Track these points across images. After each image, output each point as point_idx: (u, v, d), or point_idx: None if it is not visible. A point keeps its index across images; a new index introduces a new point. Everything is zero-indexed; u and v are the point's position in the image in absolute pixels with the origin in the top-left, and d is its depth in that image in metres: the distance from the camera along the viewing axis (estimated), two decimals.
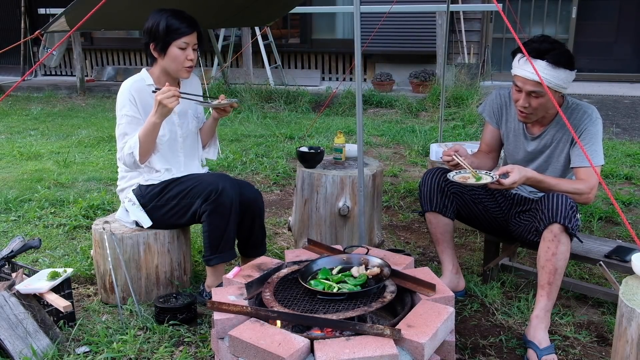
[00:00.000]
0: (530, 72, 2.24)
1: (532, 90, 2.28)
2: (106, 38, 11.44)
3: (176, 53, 2.45)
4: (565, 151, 2.45)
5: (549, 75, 2.22)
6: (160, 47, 2.45)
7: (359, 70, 2.64)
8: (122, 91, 2.50)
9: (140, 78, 2.54)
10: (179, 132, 2.63)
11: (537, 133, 2.50)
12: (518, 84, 2.32)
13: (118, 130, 2.51)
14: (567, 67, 2.25)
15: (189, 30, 2.45)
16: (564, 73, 2.24)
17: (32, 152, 5.57)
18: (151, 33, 2.44)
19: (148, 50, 2.50)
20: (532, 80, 2.25)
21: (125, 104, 2.48)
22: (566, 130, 2.41)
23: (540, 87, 2.24)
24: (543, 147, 2.50)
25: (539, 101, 2.31)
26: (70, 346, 2.25)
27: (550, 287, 2.23)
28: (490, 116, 2.67)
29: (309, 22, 10.18)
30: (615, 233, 3.49)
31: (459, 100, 7.51)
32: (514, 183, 2.23)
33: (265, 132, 6.39)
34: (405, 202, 4.14)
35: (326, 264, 2.20)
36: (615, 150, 5.46)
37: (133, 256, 2.59)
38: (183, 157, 2.66)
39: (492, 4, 8.27)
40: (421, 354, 1.71)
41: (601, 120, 2.39)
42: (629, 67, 9.33)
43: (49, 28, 2.81)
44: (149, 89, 2.52)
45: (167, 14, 2.44)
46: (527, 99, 2.32)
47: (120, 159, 2.52)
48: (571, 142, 2.41)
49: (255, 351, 1.70)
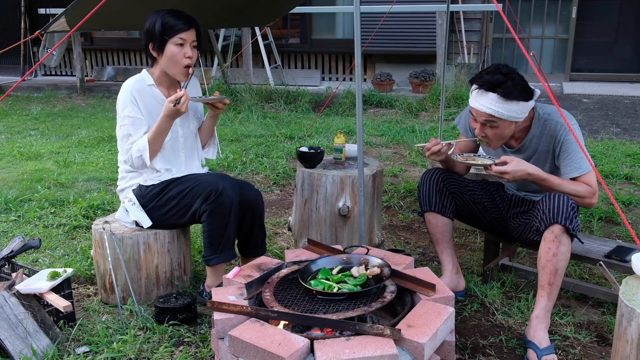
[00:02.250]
0: (482, 105, 2.28)
1: (485, 121, 2.32)
2: (106, 38, 11.44)
3: (173, 50, 2.44)
4: (548, 162, 2.44)
5: (500, 108, 2.25)
6: (158, 45, 2.45)
7: (359, 70, 2.64)
8: (123, 92, 2.50)
9: (140, 78, 2.54)
10: (180, 132, 2.63)
11: (516, 146, 2.50)
12: (473, 114, 2.37)
13: (120, 131, 2.51)
14: (520, 99, 2.26)
15: (185, 26, 2.44)
16: (516, 105, 2.25)
17: (32, 152, 5.57)
18: (149, 33, 2.45)
19: (148, 51, 2.50)
20: (485, 112, 2.29)
21: (126, 105, 2.48)
22: (544, 141, 2.42)
23: (494, 118, 2.29)
24: (525, 158, 2.46)
25: (494, 131, 2.34)
26: (70, 346, 2.25)
27: (550, 287, 2.23)
28: (466, 130, 2.66)
29: (309, 22, 10.17)
30: (615, 233, 3.49)
31: (459, 100, 7.51)
32: (504, 173, 2.24)
33: (265, 132, 6.39)
34: (405, 202, 4.14)
35: (326, 264, 2.21)
36: (615, 150, 5.45)
37: (133, 256, 2.59)
38: (184, 157, 2.66)
39: (492, 4, 8.27)
40: (421, 354, 1.71)
41: (576, 123, 2.38)
42: (629, 67, 9.33)
43: (49, 28, 2.81)
44: (150, 89, 2.53)
45: (163, 12, 2.45)
46: (483, 129, 2.36)
47: (127, 161, 2.52)
48: (552, 153, 2.41)
49: (255, 351, 1.70)
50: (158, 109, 2.51)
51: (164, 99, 2.53)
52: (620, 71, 9.34)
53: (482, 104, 2.28)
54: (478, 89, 2.29)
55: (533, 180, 2.33)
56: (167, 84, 2.59)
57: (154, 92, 2.55)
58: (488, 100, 2.26)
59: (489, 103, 2.26)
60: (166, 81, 2.57)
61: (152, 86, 2.54)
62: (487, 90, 2.25)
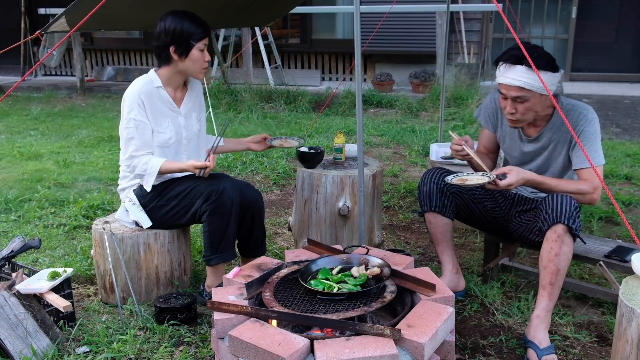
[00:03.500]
0: (511, 79, 2.27)
1: (516, 96, 2.30)
2: (106, 38, 11.43)
3: (197, 55, 2.51)
4: (563, 153, 2.45)
5: (530, 79, 2.24)
6: (182, 50, 2.48)
7: (359, 70, 2.64)
8: (130, 93, 2.50)
9: (149, 80, 2.55)
10: (184, 133, 2.64)
11: (533, 135, 2.50)
12: (502, 91, 2.35)
13: (125, 133, 2.52)
14: (548, 69, 2.27)
15: (207, 32, 2.52)
16: (545, 75, 2.25)
17: (32, 152, 5.57)
18: (174, 36, 2.46)
19: (165, 52, 2.50)
20: (515, 86, 2.27)
21: (133, 107, 2.48)
22: (563, 132, 2.42)
23: (524, 91, 2.27)
24: (540, 148, 2.50)
25: (525, 106, 2.32)
26: (70, 346, 2.25)
27: (552, 287, 2.23)
28: (486, 120, 2.69)
29: (309, 22, 10.17)
30: (615, 233, 3.49)
31: (459, 100, 7.51)
32: (510, 185, 2.24)
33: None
34: (405, 202, 4.14)
35: (326, 264, 2.21)
36: (615, 150, 5.45)
37: (133, 256, 2.59)
38: (186, 159, 2.67)
39: (492, 4, 8.27)
40: (421, 354, 1.71)
41: (598, 120, 2.39)
42: (629, 67, 9.33)
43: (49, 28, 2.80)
44: (158, 91, 2.55)
45: (185, 17, 2.48)
46: (513, 105, 2.34)
47: (129, 166, 2.55)
48: (569, 143, 2.41)
49: (255, 351, 1.70)
50: (164, 111, 2.55)
51: (171, 101, 2.58)
52: (620, 71, 9.34)
53: (511, 77, 2.27)
54: (505, 63, 2.29)
55: (530, 185, 2.34)
56: (175, 85, 2.61)
57: (161, 94, 2.56)
58: (517, 72, 2.25)
59: (518, 75, 2.25)
60: (174, 82, 2.60)
61: (159, 88, 2.56)
62: (514, 63, 2.26)
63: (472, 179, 2.32)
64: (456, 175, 2.40)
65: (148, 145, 2.52)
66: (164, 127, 2.55)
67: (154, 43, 2.53)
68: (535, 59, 2.22)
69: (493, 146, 2.74)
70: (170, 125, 2.57)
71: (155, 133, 2.53)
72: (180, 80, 2.61)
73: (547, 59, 2.28)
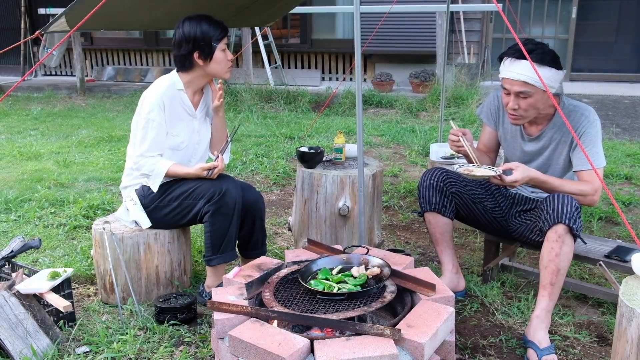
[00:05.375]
0: (515, 73, 2.26)
1: (520, 91, 2.29)
2: (106, 38, 11.44)
3: (221, 56, 2.54)
4: (564, 153, 2.45)
5: (534, 74, 2.22)
6: (206, 53, 2.50)
7: (359, 70, 2.64)
8: (154, 94, 2.50)
9: (172, 82, 2.56)
10: (196, 137, 2.66)
11: (534, 134, 2.50)
12: (506, 86, 2.34)
13: (140, 130, 2.51)
14: (552, 66, 2.26)
15: (225, 32, 2.55)
16: (549, 71, 2.25)
17: (32, 152, 5.57)
18: (195, 41, 2.47)
19: (189, 59, 2.51)
20: (519, 80, 2.26)
21: (154, 107, 2.48)
22: (564, 132, 2.41)
23: (528, 86, 2.26)
24: (541, 148, 2.50)
25: (528, 102, 2.31)
26: (70, 346, 2.25)
27: (552, 287, 2.23)
28: (488, 118, 2.68)
29: (309, 22, 10.17)
30: (615, 233, 3.49)
31: (459, 100, 7.51)
32: (515, 181, 2.24)
33: (265, 132, 6.39)
34: (405, 202, 4.14)
35: (326, 264, 2.21)
36: (615, 150, 5.45)
37: (133, 256, 2.59)
38: (194, 162, 2.67)
39: (492, 4, 8.27)
40: (421, 354, 1.71)
41: (599, 121, 2.38)
42: (629, 67, 9.33)
43: (49, 28, 2.80)
44: (179, 94, 2.56)
45: (202, 20, 2.49)
46: (516, 101, 2.32)
47: (137, 163, 2.54)
48: (570, 144, 2.41)
49: (255, 351, 1.70)
50: (182, 115, 2.58)
51: (190, 105, 2.60)
52: (620, 71, 9.34)
53: (515, 71, 2.26)
54: (510, 57, 2.29)
55: (534, 184, 2.34)
56: (195, 89, 2.63)
57: (182, 97, 2.57)
58: (521, 67, 2.24)
59: (522, 70, 2.24)
60: (196, 86, 2.62)
61: (181, 91, 2.57)
62: (519, 58, 2.25)
63: (479, 171, 2.31)
64: (463, 165, 2.40)
65: (160, 147, 2.53)
66: (178, 130, 2.57)
67: (175, 52, 2.54)
68: (540, 54, 2.24)
69: (493, 144, 2.74)
70: (185, 129, 2.59)
71: (169, 136, 2.54)
72: (203, 82, 2.63)
73: (552, 56, 2.28)
